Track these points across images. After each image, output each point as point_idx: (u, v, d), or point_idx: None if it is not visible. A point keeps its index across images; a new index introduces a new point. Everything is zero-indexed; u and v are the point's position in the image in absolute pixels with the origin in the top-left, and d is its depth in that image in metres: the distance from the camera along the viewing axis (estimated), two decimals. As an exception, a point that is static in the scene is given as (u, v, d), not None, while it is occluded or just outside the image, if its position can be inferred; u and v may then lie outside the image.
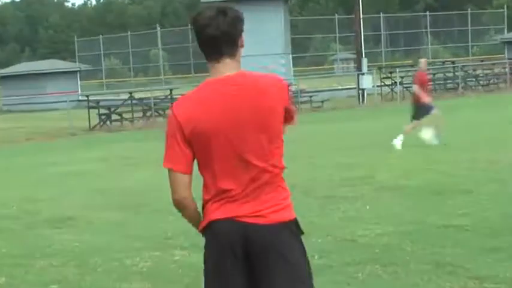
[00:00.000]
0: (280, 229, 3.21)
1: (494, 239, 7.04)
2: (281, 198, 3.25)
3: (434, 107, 15.39)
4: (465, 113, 22.89)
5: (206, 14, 3.25)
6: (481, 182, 10.26)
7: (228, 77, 3.23)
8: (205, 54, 3.30)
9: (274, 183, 3.25)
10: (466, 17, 52.73)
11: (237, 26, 3.26)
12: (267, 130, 3.21)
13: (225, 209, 3.24)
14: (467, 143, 14.79)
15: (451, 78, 36.34)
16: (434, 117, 15.17)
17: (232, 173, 3.23)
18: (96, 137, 24.60)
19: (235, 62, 3.28)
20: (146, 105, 29.75)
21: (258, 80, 3.27)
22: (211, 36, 3.23)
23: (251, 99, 3.20)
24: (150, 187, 12.00)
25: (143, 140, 21.72)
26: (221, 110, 3.20)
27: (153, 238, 8.21)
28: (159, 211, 9.70)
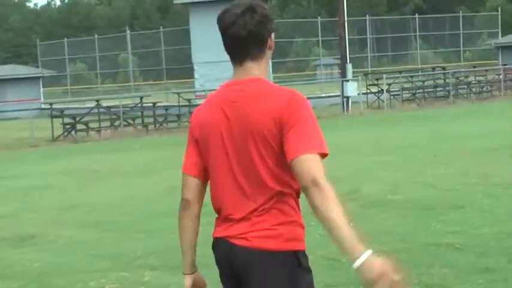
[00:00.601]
0: (263, 257, 3.07)
1: (487, 259, 7.08)
2: (275, 223, 3.06)
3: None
4: (456, 123, 23.05)
5: (232, 11, 3.17)
6: (473, 197, 10.33)
7: (239, 81, 3.18)
8: (229, 56, 3.23)
9: (270, 205, 3.08)
10: (457, 20, 53.20)
11: (266, 25, 3.16)
12: (259, 150, 3.07)
13: (222, 227, 3.22)
14: (458, 155, 14.89)
15: (442, 85, 36.58)
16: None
17: (227, 189, 3.17)
18: (60, 149, 24.45)
19: (261, 65, 3.18)
20: (114, 114, 29.66)
21: (264, 91, 3.11)
22: (235, 36, 3.15)
23: (245, 110, 3.10)
24: (118, 202, 11.98)
25: (111, 151, 21.66)
26: (220, 118, 3.17)
27: (120, 257, 8.18)
28: (127, 228, 9.68)
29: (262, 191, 3.08)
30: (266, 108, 3.04)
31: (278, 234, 3.06)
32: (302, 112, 3.02)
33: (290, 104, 3.02)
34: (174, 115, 30.57)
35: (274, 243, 3.06)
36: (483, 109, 28.83)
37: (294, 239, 3.08)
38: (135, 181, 14.65)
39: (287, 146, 2.97)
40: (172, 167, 16.45)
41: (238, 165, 3.13)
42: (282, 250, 3.06)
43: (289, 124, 2.98)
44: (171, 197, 12.28)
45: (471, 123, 22.47)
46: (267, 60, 3.22)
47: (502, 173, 12.15)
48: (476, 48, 58.11)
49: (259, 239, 3.08)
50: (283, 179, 3.06)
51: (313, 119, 3.03)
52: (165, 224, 10.00)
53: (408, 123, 24.67)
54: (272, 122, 3.01)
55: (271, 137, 3.02)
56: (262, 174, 3.07)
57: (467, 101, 34.71)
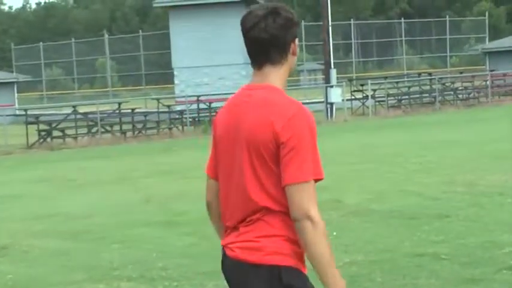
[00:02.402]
0: (245, 268, 3.07)
1: (473, 269, 7.11)
2: (258, 235, 3.04)
3: None
4: (442, 130, 23.16)
5: (255, 13, 3.15)
6: (459, 206, 10.38)
7: (252, 86, 3.18)
8: (250, 59, 3.21)
9: (257, 217, 3.05)
10: (444, 24, 53.46)
11: (290, 29, 3.13)
12: (251, 161, 3.05)
13: (225, 234, 3.24)
14: (444, 163, 14.95)
15: (428, 91, 36.73)
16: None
17: (226, 194, 3.20)
18: (35, 156, 24.37)
19: (281, 71, 3.16)
20: (92, 120, 29.59)
21: (268, 100, 3.06)
22: (256, 39, 3.13)
23: (242, 117, 3.10)
24: (94, 212, 11.95)
25: (88, 159, 21.59)
26: (228, 121, 3.19)
27: (96, 269, 8.15)
28: (104, 238, 9.65)
29: (247, 204, 3.07)
30: (263, 118, 3.02)
31: (260, 246, 3.03)
32: (301, 132, 2.97)
33: (291, 121, 2.98)
34: (154, 122, 30.52)
35: (255, 255, 3.04)
36: (470, 116, 28.96)
37: (279, 253, 3.02)
38: (113, 190, 14.60)
39: (282, 169, 2.96)
40: (150, 175, 16.46)
41: (233, 172, 3.13)
42: (263, 264, 3.03)
43: (287, 146, 2.95)
44: (149, 206, 12.28)
45: (457, 131, 22.58)
46: (290, 66, 3.20)
47: (488, 182, 12.21)
48: (463, 53, 58.44)
49: (241, 250, 3.08)
50: (272, 195, 3.03)
51: (312, 140, 2.99)
52: (143, 234, 10.00)
53: (393, 130, 24.76)
54: (269, 134, 2.99)
55: (266, 149, 3.00)
56: (248, 186, 3.05)
57: (453, 107, 34.88)
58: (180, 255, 8.60)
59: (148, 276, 7.70)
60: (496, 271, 7.00)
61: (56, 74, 59.22)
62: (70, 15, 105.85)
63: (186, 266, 8.02)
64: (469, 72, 43.62)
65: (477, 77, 40.38)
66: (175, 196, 13.05)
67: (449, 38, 52.77)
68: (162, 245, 9.18)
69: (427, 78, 38.56)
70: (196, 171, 16.57)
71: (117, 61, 57.16)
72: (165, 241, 9.46)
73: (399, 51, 55.92)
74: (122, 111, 30.83)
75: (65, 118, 29.71)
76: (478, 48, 48.74)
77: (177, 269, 7.94)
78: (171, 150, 22.66)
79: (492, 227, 8.91)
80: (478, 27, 56.31)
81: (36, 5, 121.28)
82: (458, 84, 38.52)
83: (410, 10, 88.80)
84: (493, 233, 8.58)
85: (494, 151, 16.10)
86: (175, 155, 21.25)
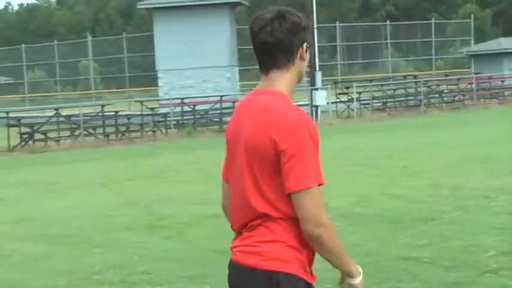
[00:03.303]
0: (245, 273, 3.09)
1: (456, 273, 7.14)
2: (259, 240, 3.05)
3: None
4: (427, 133, 23.22)
5: (262, 17, 3.13)
6: (444, 210, 10.41)
7: (259, 91, 3.17)
8: (258, 63, 3.19)
9: (257, 223, 3.07)
10: (429, 27, 53.63)
11: (297, 33, 3.11)
12: (251, 167, 3.07)
13: (233, 239, 3.24)
14: (429, 166, 15.00)
15: (413, 94, 36.83)
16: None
17: (232, 198, 3.22)
18: (17, 159, 24.27)
19: (288, 76, 3.14)
20: (74, 123, 29.49)
21: (269, 106, 3.05)
22: (262, 43, 3.11)
23: (245, 123, 3.10)
24: (76, 215, 11.92)
25: (70, 162, 21.52)
26: (234, 126, 3.21)
27: (77, 273, 8.12)
28: (86, 242, 9.63)
29: (247, 209, 3.09)
30: (262, 125, 3.02)
31: (260, 251, 3.04)
32: (301, 139, 2.96)
33: (290, 129, 2.97)
34: (137, 124, 30.45)
35: (253, 260, 3.05)
36: (455, 119, 29.06)
37: (278, 259, 3.02)
38: (95, 193, 14.57)
39: (284, 177, 2.97)
40: (134, 178, 16.43)
41: (237, 178, 3.15)
42: (261, 269, 3.03)
43: (287, 154, 2.95)
44: (132, 209, 12.25)
45: (443, 134, 22.65)
46: (298, 71, 3.18)
47: (474, 185, 12.27)
48: (449, 56, 58.64)
49: (242, 254, 3.10)
50: (272, 202, 3.04)
51: (312, 146, 2.99)
52: (125, 238, 9.98)
53: (378, 133, 24.81)
54: (267, 142, 2.99)
55: (265, 156, 3.01)
56: (248, 192, 3.07)
57: (439, 110, 34.99)
58: (163, 259, 8.58)
59: (130, 281, 7.69)
60: (480, 274, 7.03)
61: (38, 76, 58.93)
62: (53, 17, 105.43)
63: (168, 270, 8.01)
64: (454, 75, 43.74)
65: (462, 79, 40.49)
66: (158, 200, 13.03)
67: (434, 40, 52.93)
68: (144, 249, 9.16)
69: (413, 81, 38.65)
70: (180, 174, 16.59)
71: (100, 63, 56.97)
72: (148, 245, 9.44)
73: (385, 53, 56.03)
74: (105, 113, 30.74)
75: (47, 121, 29.59)
76: (464, 51, 48.92)
77: (159, 273, 7.92)
78: (155, 153, 22.61)
79: (477, 231, 8.95)
80: (463, 29, 56.49)
81: (18, 7, 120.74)
82: (444, 87, 38.63)
83: (396, 12, 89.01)
84: (477, 237, 8.61)
85: (479, 154, 16.17)
86: (158, 158, 21.21)
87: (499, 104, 36.23)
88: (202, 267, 8.02)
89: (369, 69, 58.90)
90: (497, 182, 12.37)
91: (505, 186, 11.86)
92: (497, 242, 8.20)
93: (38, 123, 28.91)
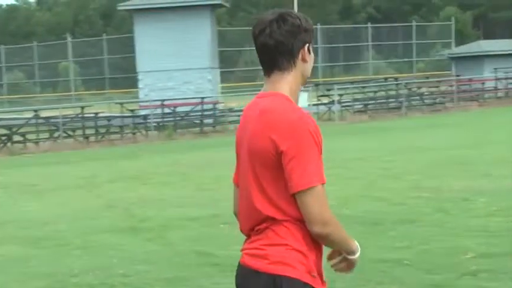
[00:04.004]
0: (250, 275, 3.10)
1: (435, 275, 7.17)
2: (265, 243, 3.06)
3: None
4: (408, 135, 23.33)
5: (262, 19, 3.15)
6: (424, 212, 10.47)
7: (262, 94, 3.19)
8: (261, 66, 3.20)
9: (264, 226, 3.08)
10: (410, 29, 53.82)
11: (297, 35, 3.11)
12: (254, 170, 3.09)
13: (244, 241, 3.26)
14: (410, 169, 15.06)
15: (394, 96, 36.96)
16: None
17: (240, 201, 3.24)
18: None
19: (290, 78, 3.14)
20: (54, 124, 29.39)
21: (270, 108, 3.06)
22: (263, 45, 3.13)
23: (249, 127, 3.12)
24: (55, 218, 11.87)
25: (49, 164, 21.45)
26: (240, 131, 3.24)
27: (56, 276, 8.09)
28: (64, 245, 9.60)
29: (253, 212, 3.10)
30: (262, 127, 3.03)
31: (265, 254, 3.05)
32: (302, 140, 2.96)
33: (290, 129, 2.97)
34: (117, 126, 30.38)
35: (259, 263, 3.06)
36: (436, 121, 29.20)
37: (282, 263, 3.02)
38: (75, 195, 14.52)
39: (287, 178, 2.97)
40: (114, 180, 16.39)
41: (244, 181, 3.18)
42: (265, 272, 3.04)
43: (288, 155, 2.95)
44: (112, 212, 12.23)
45: (423, 136, 22.76)
46: (301, 73, 3.18)
47: (454, 187, 12.34)
48: (430, 58, 58.85)
49: (248, 256, 3.12)
50: (276, 204, 3.05)
51: (314, 146, 2.99)
52: (104, 240, 9.95)
53: (359, 135, 24.89)
54: (268, 143, 3.00)
55: (266, 158, 3.02)
56: (253, 195, 3.08)
57: (419, 112, 35.12)
58: (142, 261, 8.57)
59: (109, 283, 7.67)
60: (459, 277, 7.07)
61: (17, 77, 58.59)
62: (32, 18, 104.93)
63: (147, 273, 8.00)
64: (435, 77, 43.95)
65: (443, 82, 40.71)
66: (138, 202, 13.00)
67: (415, 43, 53.12)
68: (123, 252, 9.15)
69: (394, 83, 38.79)
70: (160, 177, 16.56)
71: (80, 65, 56.73)
72: (127, 247, 9.42)
73: (366, 56, 56.19)
74: (84, 115, 30.65)
75: (26, 122, 29.47)
76: (444, 54, 49.13)
77: (138, 275, 7.91)
78: (135, 155, 22.57)
79: (456, 233, 9.00)
80: (444, 32, 56.71)
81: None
82: (425, 90, 38.80)
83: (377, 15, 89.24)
84: (456, 239, 8.66)
85: (459, 156, 16.27)
86: (139, 160, 21.17)
87: (479, 106, 36.43)
88: (182, 269, 8.02)
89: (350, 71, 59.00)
90: (477, 184, 12.45)
91: (484, 188, 11.94)
92: (476, 244, 8.25)
93: (17, 125, 28.80)
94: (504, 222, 9.40)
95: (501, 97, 38.88)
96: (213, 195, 13.02)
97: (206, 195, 13.04)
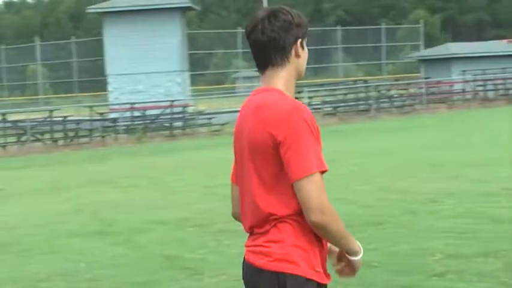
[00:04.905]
0: (254, 273, 3.10)
1: (404, 277, 7.19)
2: (267, 240, 3.07)
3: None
4: (377, 137, 23.41)
5: (255, 16, 3.16)
6: (392, 214, 10.49)
7: (257, 90, 3.19)
8: (255, 63, 3.21)
9: (269, 223, 3.08)
10: (380, 32, 54.07)
11: (289, 31, 3.13)
12: (255, 166, 3.08)
13: (247, 238, 3.25)
14: (378, 171, 15.12)
15: (363, 99, 37.10)
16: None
17: (242, 199, 3.23)
18: (-37, 165, 23.91)
19: (283, 73, 3.16)
20: (21, 128, 29.16)
21: (265, 102, 3.08)
22: (255, 42, 3.15)
23: (247, 122, 3.12)
24: (22, 222, 11.77)
25: (17, 168, 21.28)
26: (237, 128, 3.23)
27: (21, 281, 8.02)
28: (31, 250, 9.52)
29: (255, 209, 3.10)
30: (259, 121, 3.04)
31: (268, 252, 3.06)
32: (297, 128, 2.97)
33: (285, 119, 2.98)
34: (86, 130, 30.21)
35: (262, 260, 3.07)
36: (405, 123, 29.36)
37: (285, 260, 3.03)
38: (43, 199, 14.42)
39: (286, 168, 2.98)
40: (82, 184, 16.29)
41: (245, 178, 3.17)
42: (269, 269, 3.04)
43: (285, 144, 2.96)
44: (80, 216, 12.14)
45: (392, 138, 22.86)
46: (294, 68, 3.20)
47: (421, 189, 12.38)
48: (399, 61, 59.19)
49: (252, 254, 3.12)
50: (278, 199, 3.04)
51: (310, 134, 3.01)
52: (72, 245, 9.88)
53: (329, 137, 24.87)
54: (265, 135, 3.01)
55: (266, 151, 3.02)
56: (255, 191, 3.08)
57: (389, 114, 35.30)
58: (111, 266, 8.51)
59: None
60: (426, 278, 7.10)
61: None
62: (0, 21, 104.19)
63: (115, 277, 7.95)
64: (404, 79, 44.22)
65: (412, 84, 40.99)
66: (107, 206, 12.94)
67: (385, 45, 53.38)
68: (92, 256, 9.08)
69: (363, 85, 38.95)
70: (129, 180, 16.48)
71: (49, 68, 56.38)
72: (96, 251, 9.36)
73: (335, 58, 56.37)
74: (53, 119, 30.45)
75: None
76: (413, 56, 49.44)
77: (106, 280, 7.86)
78: (104, 158, 22.45)
79: (424, 234, 9.03)
80: (413, 35, 57.04)
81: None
82: (394, 92, 39.02)
83: (347, 18, 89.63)
84: (424, 240, 8.69)
85: (428, 158, 16.35)
86: (108, 163, 21.06)
87: (447, 108, 36.69)
88: (150, 273, 7.98)
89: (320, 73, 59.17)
90: (444, 185, 12.51)
91: (451, 190, 12.00)
92: (444, 246, 8.29)
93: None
94: (471, 223, 9.45)
95: (469, 99, 39.19)
96: (183, 198, 12.99)
97: (175, 199, 13.01)
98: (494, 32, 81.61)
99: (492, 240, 8.42)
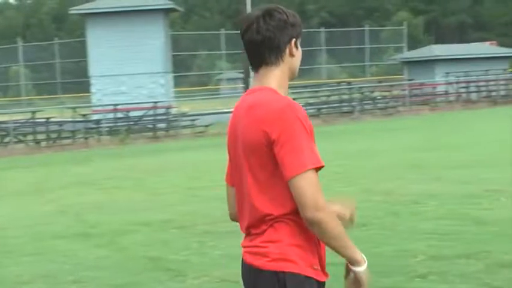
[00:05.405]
0: (253, 273, 3.11)
1: (386, 278, 7.22)
2: (264, 240, 3.07)
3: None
4: (360, 139, 23.47)
5: (249, 15, 3.17)
6: (375, 215, 10.53)
7: (251, 90, 3.19)
8: (249, 62, 3.21)
9: (265, 223, 3.08)
10: (363, 34, 54.26)
11: (284, 30, 3.14)
12: (250, 165, 3.08)
13: (244, 238, 3.24)
14: (362, 172, 15.17)
15: (347, 100, 37.18)
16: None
17: (237, 199, 3.24)
18: None
19: (277, 73, 3.17)
20: (4, 130, 29.06)
21: (259, 101, 3.09)
22: (250, 41, 3.15)
23: (240, 122, 3.13)
24: (5, 224, 11.76)
25: (0, 169, 21.18)
26: (231, 128, 3.23)
27: (3, 283, 8.00)
28: (14, 251, 9.49)
29: (251, 209, 3.11)
30: (252, 120, 3.04)
31: (266, 252, 3.06)
32: (291, 126, 2.98)
33: (278, 117, 2.98)
34: (69, 131, 30.13)
35: (260, 261, 3.07)
36: (388, 125, 29.45)
37: (283, 260, 3.04)
38: (26, 201, 14.37)
39: (280, 167, 2.97)
40: (65, 186, 16.25)
41: (240, 179, 3.17)
42: (267, 269, 3.05)
43: (279, 142, 2.96)
44: (64, 217, 12.12)
45: (376, 140, 22.92)
46: (288, 67, 3.21)
47: (405, 190, 12.44)
48: (382, 63, 59.39)
49: (249, 255, 3.13)
50: (274, 198, 3.05)
51: (304, 131, 3.01)
52: (55, 246, 9.87)
53: (313, 139, 24.95)
54: (259, 134, 3.01)
55: (260, 150, 3.02)
56: (251, 191, 3.08)
57: (372, 116, 35.39)
58: (94, 267, 8.51)
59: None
60: (409, 279, 7.14)
61: (-33, 82, 57.85)
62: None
63: (98, 279, 7.95)
64: (387, 81, 44.35)
65: (395, 86, 41.12)
66: (90, 207, 12.92)
67: (368, 47, 53.58)
68: (74, 257, 9.07)
69: (347, 87, 39.03)
70: (112, 182, 16.46)
71: (31, 69, 56.20)
72: (79, 253, 9.35)
73: (319, 60, 56.50)
74: (36, 120, 30.35)
75: (-24, 128, 29.12)
76: (397, 58, 49.60)
77: (89, 281, 7.86)
78: (87, 160, 22.40)
79: (406, 236, 9.08)
80: (396, 37, 57.28)
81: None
82: (377, 94, 39.12)
83: (331, 19, 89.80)
84: (407, 242, 8.74)
85: (411, 160, 16.41)
86: (91, 165, 21.02)
87: (430, 110, 36.82)
88: (134, 275, 7.98)
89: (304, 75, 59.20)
90: (427, 187, 12.57)
91: (434, 191, 12.06)
92: (426, 247, 8.34)
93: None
94: (454, 225, 9.51)
95: (452, 101, 39.36)
96: (166, 200, 12.99)
97: (159, 200, 13.01)
98: (477, 34, 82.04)
99: (474, 241, 8.48)
